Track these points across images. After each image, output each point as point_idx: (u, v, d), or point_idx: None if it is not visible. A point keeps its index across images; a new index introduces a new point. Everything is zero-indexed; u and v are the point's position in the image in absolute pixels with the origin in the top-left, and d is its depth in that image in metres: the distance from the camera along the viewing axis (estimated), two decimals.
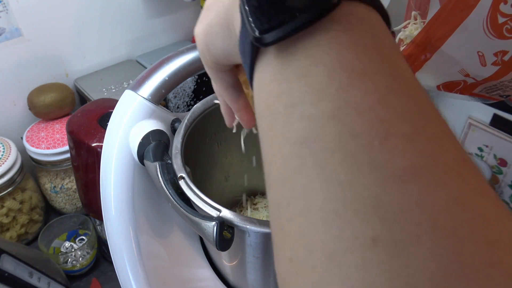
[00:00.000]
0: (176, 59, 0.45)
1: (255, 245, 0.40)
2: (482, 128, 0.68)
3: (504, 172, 0.68)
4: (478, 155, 0.70)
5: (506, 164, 0.67)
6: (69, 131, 0.57)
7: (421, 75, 0.40)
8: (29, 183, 0.73)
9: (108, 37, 0.84)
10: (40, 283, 0.54)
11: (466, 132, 0.70)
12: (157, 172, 0.39)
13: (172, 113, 0.46)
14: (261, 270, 0.44)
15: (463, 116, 0.70)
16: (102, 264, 0.71)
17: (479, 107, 0.64)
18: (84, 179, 0.60)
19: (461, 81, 0.40)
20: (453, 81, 0.40)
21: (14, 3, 0.70)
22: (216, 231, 0.34)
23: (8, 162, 0.67)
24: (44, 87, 0.75)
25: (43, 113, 0.74)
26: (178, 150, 0.41)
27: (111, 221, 0.44)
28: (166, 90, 0.44)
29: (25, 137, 0.73)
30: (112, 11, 0.82)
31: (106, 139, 0.44)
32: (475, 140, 0.69)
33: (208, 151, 0.52)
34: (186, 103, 0.82)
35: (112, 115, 0.45)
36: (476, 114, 0.68)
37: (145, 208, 0.45)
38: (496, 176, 0.69)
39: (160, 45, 0.93)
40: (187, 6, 0.93)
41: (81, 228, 0.72)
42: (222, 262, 0.48)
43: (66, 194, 0.75)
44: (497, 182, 0.69)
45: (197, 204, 0.37)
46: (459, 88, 0.41)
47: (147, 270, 0.44)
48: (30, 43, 0.74)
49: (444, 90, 0.41)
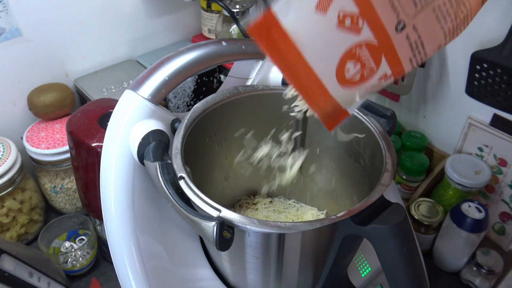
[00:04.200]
0: (176, 59, 0.45)
1: (255, 245, 0.40)
2: (482, 128, 0.68)
3: (504, 172, 0.68)
4: (478, 155, 0.70)
5: (506, 164, 0.67)
6: (69, 131, 0.57)
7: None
8: (29, 183, 0.73)
9: (108, 37, 0.84)
10: (40, 283, 0.54)
11: (466, 132, 0.70)
12: (157, 172, 0.39)
13: (172, 113, 0.46)
14: (261, 270, 0.44)
15: (463, 116, 0.70)
16: (102, 264, 0.71)
17: (479, 107, 0.64)
18: (84, 179, 0.60)
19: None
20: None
21: (14, 3, 0.70)
22: (216, 231, 0.34)
23: (8, 162, 0.67)
24: (44, 87, 0.75)
25: (43, 113, 0.74)
26: (178, 150, 0.41)
27: (111, 221, 0.44)
28: (166, 90, 0.44)
29: (25, 137, 0.73)
30: (112, 11, 0.82)
31: (106, 139, 0.44)
32: (475, 140, 0.69)
33: (208, 151, 0.52)
34: (186, 103, 0.82)
35: (112, 115, 0.45)
36: (476, 114, 0.68)
37: (145, 208, 0.45)
38: (496, 176, 0.69)
39: (160, 45, 0.93)
40: (187, 6, 0.93)
41: (81, 228, 0.72)
42: (222, 262, 0.48)
43: (66, 194, 0.75)
44: (497, 182, 0.69)
45: (197, 204, 0.37)
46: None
47: (147, 270, 0.44)
48: (30, 43, 0.74)
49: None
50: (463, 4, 0.35)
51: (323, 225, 0.36)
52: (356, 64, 0.34)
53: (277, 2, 0.29)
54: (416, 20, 0.33)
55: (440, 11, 0.34)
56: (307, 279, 0.46)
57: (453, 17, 0.35)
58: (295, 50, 0.31)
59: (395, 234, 0.36)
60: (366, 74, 0.35)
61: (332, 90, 0.35)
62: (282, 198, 0.62)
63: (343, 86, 0.35)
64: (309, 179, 0.58)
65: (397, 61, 0.35)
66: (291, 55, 0.32)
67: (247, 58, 0.48)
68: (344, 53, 0.33)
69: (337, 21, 0.31)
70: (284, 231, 0.37)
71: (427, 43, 0.35)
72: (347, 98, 0.37)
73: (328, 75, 0.33)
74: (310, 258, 0.44)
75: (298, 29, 0.31)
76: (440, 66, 0.70)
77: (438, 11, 0.34)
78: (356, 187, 0.50)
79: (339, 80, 0.34)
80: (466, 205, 0.63)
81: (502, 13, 0.58)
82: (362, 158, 0.48)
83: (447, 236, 0.66)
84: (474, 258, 0.64)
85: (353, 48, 0.33)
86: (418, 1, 0.33)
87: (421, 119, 0.78)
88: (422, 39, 0.35)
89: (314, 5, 0.30)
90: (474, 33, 0.63)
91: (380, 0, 0.31)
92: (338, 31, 0.31)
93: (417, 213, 0.67)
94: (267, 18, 0.30)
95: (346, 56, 0.33)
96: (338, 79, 0.34)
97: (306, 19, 0.30)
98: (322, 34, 0.31)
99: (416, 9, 0.33)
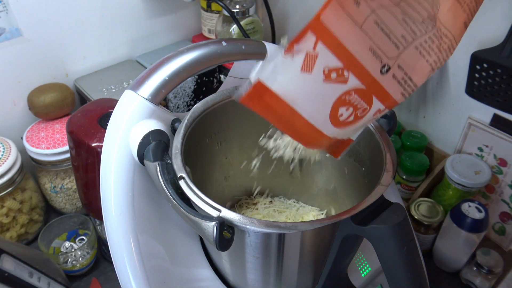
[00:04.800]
0: (176, 59, 0.45)
1: (255, 245, 0.40)
2: (482, 128, 0.68)
3: (504, 172, 0.68)
4: (478, 155, 0.70)
5: (506, 164, 0.67)
6: (69, 131, 0.57)
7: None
8: (29, 183, 0.73)
9: (108, 37, 0.84)
10: (40, 283, 0.54)
11: (466, 132, 0.70)
12: (157, 172, 0.39)
13: (172, 113, 0.46)
14: (261, 270, 0.44)
15: (463, 116, 0.70)
16: (102, 264, 0.71)
17: (479, 107, 0.64)
18: (84, 179, 0.60)
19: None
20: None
21: (14, 3, 0.70)
22: (216, 231, 0.34)
23: (8, 162, 0.67)
24: (44, 87, 0.75)
25: (43, 113, 0.74)
26: (178, 150, 0.42)
27: (111, 221, 0.44)
28: (166, 90, 0.44)
29: (25, 137, 0.73)
30: (112, 11, 0.82)
31: (106, 139, 0.44)
32: (475, 140, 0.69)
33: (208, 151, 0.52)
34: (186, 103, 0.82)
35: (112, 115, 0.45)
36: (476, 114, 0.68)
37: (145, 208, 0.45)
38: (496, 176, 0.69)
39: (160, 45, 0.93)
40: (187, 6, 0.93)
41: (81, 228, 0.72)
42: (222, 262, 0.48)
43: (66, 194, 0.75)
44: (497, 182, 0.69)
45: (197, 204, 0.37)
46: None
47: (147, 270, 0.44)
48: (30, 43, 0.74)
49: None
50: (445, 36, 0.37)
51: (323, 225, 0.37)
52: (348, 108, 0.35)
53: (263, 72, 0.31)
54: (400, 60, 0.35)
55: (423, 48, 0.35)
56: (307, 279, 0.46)
57: (436, 50, 0.36)
58: (288, 107, 0.33)
59: (395, 234, 0.36)
60: (360, 114, 0.36)
61: (330, 133, 0.36)
62: (282, 198, 0.62)
63: (340, 128, 0.36)
64: (309, 179, 0.58)
65: (388, 97, 0.36)
66: (285, 113, 0.33)
67: (247, 58, 0.48)
68: (335, 101, 0.34)
69: (324, 77, 0.32)
70: (284, 231, 0.37)
71: (415, 76, 0.36)
72: (346, 134, 0.38)
73: (322, 122, 0.35)
74: (310, 258, 0.44)
75: (288, 89, 0.32)
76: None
77: (421, 48, 0.35)
78: (356, 187, 0.50)
79: (334, 124, 0.36)
80: (466, 205, 0.63)
81: (502, 13, 0.58)
82: (362, 158, 0.48)
83: (447, 236, 0.66)
84: (474, 258, 0.64)
85: (342, 95, 0.34)
86: (399, 43, 0.34)
87: (421, 119, 0.78)
88: (410, 75, 0.36)
89: (299, 68, 0.31)
90: (474, 33, 0.63)
91: (362, 50, 0.32)
92: (326, 84, 0.33)
93: (417, 213, 0.67)
94: (257, 88, 0.32)
95: (337, 104, 0.34)
96: (333, 123, 0.35)
97: (293, 80, 0.32)
98: (311, 89, 0.33)
99: (399, 51, 0.34)
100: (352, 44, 0.31)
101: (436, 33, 0.36)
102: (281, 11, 0.95)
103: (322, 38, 0.30)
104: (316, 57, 0.31)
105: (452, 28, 0.37)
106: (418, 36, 0.34)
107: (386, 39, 0.33)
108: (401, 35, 0.33)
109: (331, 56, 0.31)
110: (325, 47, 0.31)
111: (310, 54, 0.31)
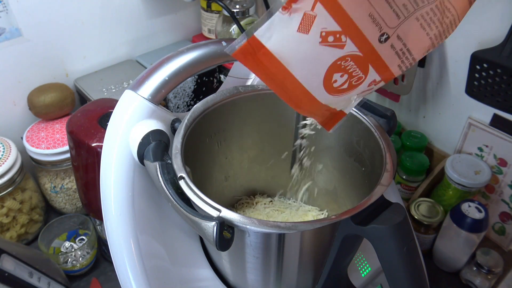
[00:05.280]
0: (176, 59, 0.45)
1: (255, 245, 0.40)
2: (482, 128, 0.68)
3: (504, 172, 0.68)
4: (478, 155, 0.70)
5: (506, 164, 0.67)
6: (69, 131, 0.57)
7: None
8: (29, 183, 0.73)
9: (108, 37, 0.84)
10: (40, 283, 0.54)
11: (466, 132, 0.70)
12: (157, 172, 0.39)
13: (172, 113, 0.46)
14: (261, 270, 0.44)
15: (463, 116, 0.70)
16: (102, 264, 0.71)
17: (479, 107, 0.64)
18: (84, 179, 0.60)
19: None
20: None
21: (14, 3, 0.70)
22: (216, 231, 0.34)
23: (8, 162, 0.67)
24: (44, 87, 0.75)
25: (43, 113, 0.74)
26: (178, 150, 0.41)
27: (111, 221, 0.44)
28: (166, 90, 0.44)
29: (25, 137, 0.73)
30: (112, 11, 0.82)
31: (106, 139, 0.44)
32: (475, 140, 0.69)
33: (208, 151, 0.52)
34: (186, 103, 0.82)
35: (112, 115, 0.45)
36: (476, 114, 0.68)
37: (145, 208, 0.45)
38: (496, 176, 0.69)
39: (160, 45, 0.93)
40: (187, 6, 0.93)
41: (81, 228, 0.72)
42: (222, 262, 0.48)
43: (66, 194, 0.75)
44: (497, 182, 0.69)
45: (197, 204, 0.37)
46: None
47: (147, 270, 0.44)
48: (30, 43, 0.74)
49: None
50: (448, 10, 0.36)
51: (323, 225, 0.36)
52: (343, 75, 0.34)
53: (258, 29, 0.30)
54: (399, 30, 0.34)
55: (424, 20, 0.35)
56: (307, 279, 0.46)
57: (437, 24, 0.35)
58: (281, 67, 0.32)
59: (395, 234, 0.36)
60: (355, 83, 0.35)
61: (322, 99, 0.35)
62: (282, 198, 0.62)
63: (333, 95, 0.35)
64: (309, 179, 0.58)
65: (386, 68, 0.36)
66: (278, 72, 0.32)
67: None
68: (330, 66, 0.33)
69: (320, 39, 0.32)
70: (284, 231, 0.37)
71: (414, 49, 0.36)
72: (339, 103, 0.37)
73: (316, 87, 0.34)
74: (310, 258, 0.44)
75: (282, 48, 0.31)
76: (440, 66, 0.70)
77: (422, 20, 0.34)
78: (356, 187, 0.50)
79: (327, 90, 0.35)
80: (466, 205, 0.63)
81: (502, 13, 0.58)
82: (362, 158, 0.48)
83: (447, 236, 0.66)
84: (474, 258, 0.64)
85: (338, 60, 0.33)
86: (400, 13, 0.33)
87: (421, 119, 0.78)
88: (408, 47, 0.35)
89: (295, 28, 0.31)
90: (474, 33, 0.63)
91: (362, 16, 0.32)
92: (322, 47, 0.32)
93: (417, 213, 0.67)
94: (251, 43, 0.31)
95: (332, 69, 0.34)
96: (326, 89, 0.35)
97: (289, 39, 0.31)
98: (306, 51, 0.32)
99: (399, 20, 0.33)
100: (352, 8, 0.31)
101: (438, 5, 0.35)
102: None
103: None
104: (314, 18, 0.30)
105: (456, 3, 0.36)
106: (420, 7, 0.34)
107: (387, 6, 0.32)
108: (403, 4, 0.33)
109: (329, 18, 0.31)
110: (324, 8, 0.30)
111: (308, 14, 0.30)
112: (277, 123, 0.52)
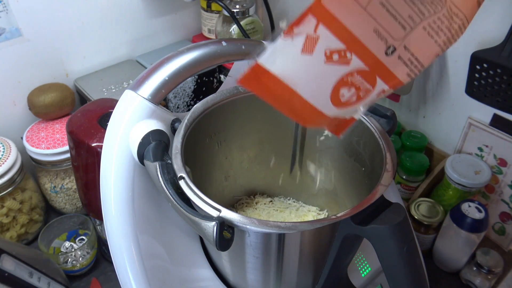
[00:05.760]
0: (176, 59, 0.45)
1: (255, 245, 0.40)
2: (482, 128, 0.68)
3: (504, 172, 0.68)
4: (478, 155, 0.70)
5: (506, 164, 0.67)
6: (69, 131, 0.57)
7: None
8: (29, 183, 0.73)
9: (108, 37, 0.84)
10: (40, 283, 0.54)
11: (466, 132, 0.70)
12: (157, 172, 0.39)
13: (172, 113, 0.46)
14: (261, 270, 0.44)
15: (463, 116, 0.70)
16: (102, 264, 0.71)
17: (479, 107, 0.64)
18: (84, 179, 0.60)
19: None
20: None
21: (14, 3, 0.70)
22: (216, 231, 0.34)
23: (8, 162, 0.67)
24: (44, 87, 0.75)
25: (43, 113, 0.74)
26: (178, 150, 0.41)
27: (111, 221, 0.44)
28: (166, 90, 0.44)
29: (25, 137, 0.73)
30: (112, 11, 0.82)
31: (106, 139, 0.44)
32: (475, 140, 0.69)
33: (208, 151, 0.52)
34: (186, 103, 0.82)
35: (112, 115, 0.45)
36: (476, 114, 0.68)
37: (145, 208, 0.45)
38: (496, 176, 0.69)
39: (160, 45, 0.93)
40: (187, 6, 0.93)
41: (81, 228, 0.72)
42: (222, 262, 0.48)
43: (66, 194, 0.75)
44: (497, 182, 0.69)
45: (197, 204, 0.37)
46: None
47: (147, 270, 0.44)
48: (30, 43, 0.74)
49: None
50: (456, 15, 0.35)
51: (323, 225, 0.36)
52: (350, 89, 0.34)
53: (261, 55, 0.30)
54: (406, 41, 0.33)
55: (432, 28, 0.34)
56: (307, 279, 0.46)
57: (446, 31, 0.35)
58: (287, 88, 0.32)
59: (395, 234, 0.36)
60: (363, 95, 0.35)
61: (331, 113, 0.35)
62: (282, 198, 0.62)
63: (341, 108, 0.35)
64: (309, 179, 0.58)
65: (393, 78, 0.35)
66: (284, 93, 0.32)
67: (247, 58, 0.48)
68: (337, 83, 0.33)
69: (325, 58, 0.31)
70: (284, 231, 0.37)
71: (422, 57, 0.35)
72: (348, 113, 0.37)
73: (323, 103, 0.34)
74: (310, 258, 0.44)
75: (287, 71, 0.31)
76: (440, 66, 0.70)
77: (430, 29, 0.34)
78: (356, 187, 0.50)
79: (335, 105, 0.35)
80: (466, 205, 0.63)
81: (502, 13, 0.58)
82: (362, 158, 0.48)
83: (447, 236, 0.66)
84: (474, 258, 0.64)
85: (344, 77, 0.33)
86: (406, 24, 0.33)
87: (421, 119, 0.78)
88: (416, 56, 0.35)
89: (299, 49, 0.30)
90: (474, 33, 0.63)
91: (366, 32, 0.31)
92: (327, 65, 0.32)
93: (417, 213, 0.67)
94: (255, 69, 0.31)
95: (338, 85, 0.33)
96: (334, 104, 0.35)
97: (293, 62, 0.31)
98: (311, 71, 0.32)
99: (405, 32, 0.33)
100: (355, 26, 0.30)
101: (445, 13, 0.34)
102: (281, 11, 0.95)
103: (323, 21, 0.29)
104: (317, 39, 0.30)
105: (464, 7, 0.35)
106: (426, 17, 0.33)
107: (392, 20, 0.32)
108: (408, 15, 0.32)
109: (333, 38, 0.30)
110: (326, 29, 0.30)
111: (310, 36, 0.30)
112: (277, 123, 0.52)
